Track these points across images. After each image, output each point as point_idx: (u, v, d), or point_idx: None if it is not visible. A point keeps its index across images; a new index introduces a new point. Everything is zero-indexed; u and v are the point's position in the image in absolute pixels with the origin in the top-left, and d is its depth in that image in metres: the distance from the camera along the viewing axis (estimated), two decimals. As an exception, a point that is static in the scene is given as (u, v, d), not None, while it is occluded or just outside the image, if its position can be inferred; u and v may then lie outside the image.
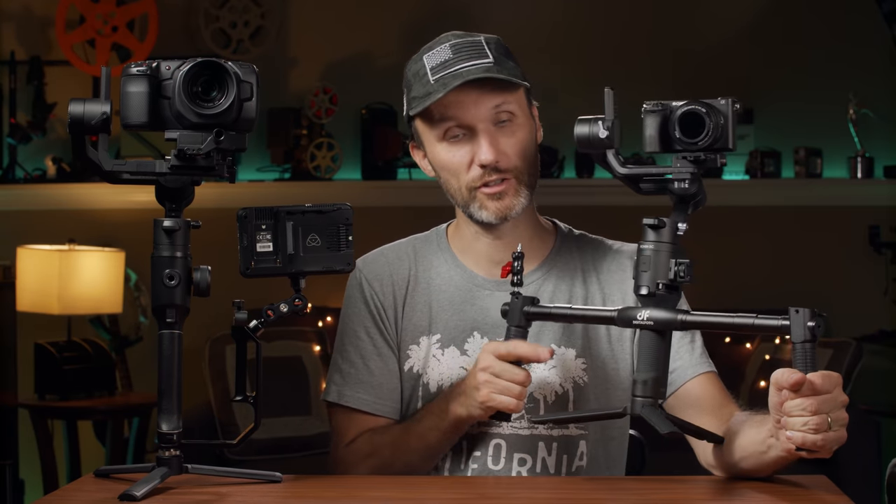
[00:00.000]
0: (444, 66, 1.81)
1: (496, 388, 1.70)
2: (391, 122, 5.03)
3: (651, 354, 1.59)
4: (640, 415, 1.58)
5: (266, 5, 5.14)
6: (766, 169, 4.93)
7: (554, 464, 1.86)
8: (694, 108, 1.55)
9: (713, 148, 1.56)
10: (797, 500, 1.59)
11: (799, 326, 1.50)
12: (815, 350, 1.50)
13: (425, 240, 1.99)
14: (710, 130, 1.54)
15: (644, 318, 1.59)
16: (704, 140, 1.55)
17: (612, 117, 1.60)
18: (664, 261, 1.57)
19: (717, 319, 1.59)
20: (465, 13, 5.01)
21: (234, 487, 1.62)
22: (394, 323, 1.92)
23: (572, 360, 1.88)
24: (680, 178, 1.58)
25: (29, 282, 4.52)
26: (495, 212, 1.84)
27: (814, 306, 1.54)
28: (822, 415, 1.47)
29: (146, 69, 1.55)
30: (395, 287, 1.93)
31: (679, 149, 1.57)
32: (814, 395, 1.47)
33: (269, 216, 1.63)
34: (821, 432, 1.47)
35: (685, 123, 1.56)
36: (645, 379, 1.59)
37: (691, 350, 1.86)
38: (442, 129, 1.83)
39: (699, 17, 5.12)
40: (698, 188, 1.59)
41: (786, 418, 1.49)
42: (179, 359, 1.59)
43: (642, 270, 1.58)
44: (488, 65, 1.80)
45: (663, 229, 1.58)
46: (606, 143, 1.60)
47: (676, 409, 1.85)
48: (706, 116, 1.54)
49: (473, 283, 1.92)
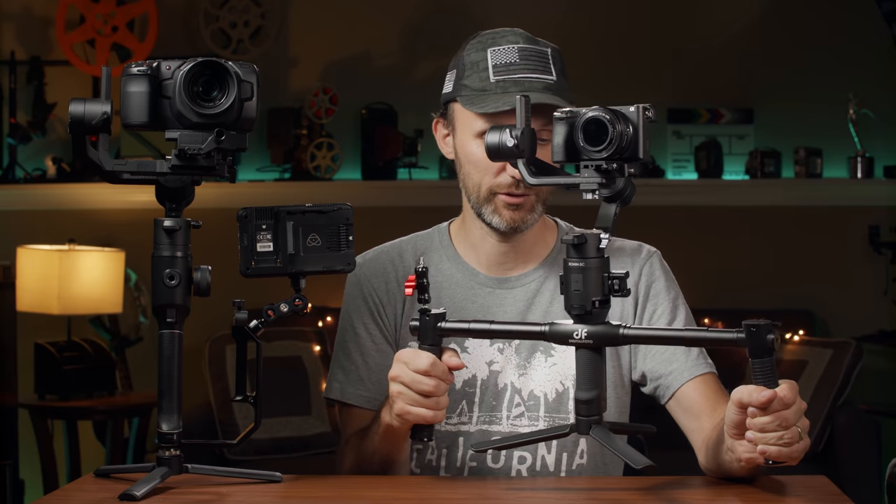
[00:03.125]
0: (508, 69, 1.81)
1: (408, 399, 1.64)
2: (391, 122, 5.02)
3: (591, 372, 1.54)
4: (592, 436, 1.54)
5: (266, 5, 5.14)
6: (766, 169, 4.93)
7: (553, 462, 1.86)
8: (597, 115, 1.51)
9: (622, 157, 1.50)
10: (797, 500, 1.58)
11: (759, 342, 1.45)
12: (773, 362, 1.47)
13: (427, 237, 1.99)
14: (613, 139, 1.49)
15: (582, 336, 1.53)
16: (607, 148, 1.50)
17: (524, 125, 1.56)
18: (595, 277, 1.51)
19: (662, 333, 1.56)
20: (465, 13, 5.01)
21: (234, 487, 1.62)
22: (393, 320, 1.93)
23: (573, 358, 1.87)
24: (588, 189, 1.53)
25: (29, 282, 4.52)
26: (509, 221, 1.84)
27: (814, 306, 1.54)
28: (793, 427, 1.48)
29: (147, 69, 1.55)
30: (396, 284, 1.93)
31: (584, 157, 1.52)
32: (784, 409, 1.47)
33: (269, 216, 1.63)
34: (793, 444, 1.48)
35: (588, 131, 1.51)
36: (588, 398, 1.54)
37: (687, 352, 1.86)
38: (484, 128, 1.82)
39: (699, 17, 5.12)
40: (625, 184, 1.53)
41: (756, 434, 1.49)
42: (179, 359, 1.59)
43: (574, 290, 1.51)
44: (550, 82, 1.81)
45: (586, 245, 1.51)
46: (515, 153, 1.56)
47: (675, 413, 1.86)
48: (609, 124, 1.50)
49: (475, 280, 1.92)
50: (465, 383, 1.88)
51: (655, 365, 1.86)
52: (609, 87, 4.89)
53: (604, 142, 1.50)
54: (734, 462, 1.60)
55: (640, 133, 1.51)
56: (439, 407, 1.64)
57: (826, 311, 4.80)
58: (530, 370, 1.88)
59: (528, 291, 1.91)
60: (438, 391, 1.63)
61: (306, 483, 1.68)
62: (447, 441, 1.88)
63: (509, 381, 1.87)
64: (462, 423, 1.88)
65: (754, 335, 1.45)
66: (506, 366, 1.88)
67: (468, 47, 1.87)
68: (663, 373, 1.85)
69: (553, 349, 1.88)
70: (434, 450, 1.88)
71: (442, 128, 1.92)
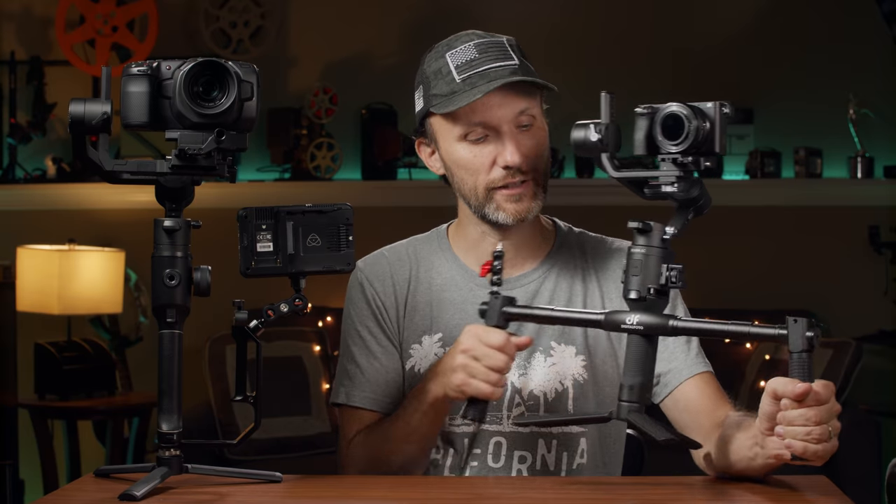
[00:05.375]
0: (470, 65, 1.81)
1: (474, 371, 1.68)
2: (391, 122, 5.02)
3: (639, 359, 1.58)
4: (629, 420, 1.57)
5: (266, 5, 5.14)
6: (766, 169, 4.93)
7: (554, 461, 1.86)
8: (675, 110, 1.55)
9: (698, 151, 1.54)
10: (797, 500, 1.59)
11: (798, 336, 1.49)
12: (811, 359, 1.49)
13: (425, 240, 1.99)
14: (689, 133, 1.53)
15: (634, 322, 1.57)
16: (683, 142, 1.54)
17: (608, 121, 1.59)
18: (654, 265, 1.56)
19: (710, 326, 1.57)
20: (465, 13, 5.01)
21: (234, 487, 1.62)
22: (395, 323, 1.93)
23: (572, 358, 1.88)
24: (666, 182, 1.56)
25: (29, 282, 4.52)
26: (513, 214, 1.84)
27: (814, 306, 1.54)
28: (823, 425, 1.48)
29: (147, 69, 1.55)
30: (397, 287, 1.93)
31: (662, 151, 1.56)
32: (817, 405, 1.47)
33: (269, 216, 1.63)
34: (822, 442, 1.48)
35: (667, 126, 1.55)
36: (632, 384, 1.58)
37: (687, 351, 1.86)
38: (464, 129, 1.82)
39: (699, 18, 5.12)
40: (700, 192, 1.57)
41: (786, 427, 1.49)
42: (179, 359, 1.59)
43: (633, 275, 1.56)
44: (514, 67, 1.81)
45: (651, 233, 1.56)
46: (600, 147, 1.59)
47: (671, 411, 1.86)
48: (686, 119, 1.53)
49: (475, 282, 1.92)
50: (466, 384, 1.88)
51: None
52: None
53: (681, 136, 1.54)
54: (758, 458, 1.59)
55: (716, 128, 1.54)
56: (501, 384, 1.69)
57: (826, 311, 4.80)
58: (530, 370, 1.88)
59: (527, 292, 1.91)
60: (506, 368, 1.68)
61: (306, 483, 1.68)
62: (453, 441, 1.88)
63: (510, 381, 1.87)
64: (465, 423, 1.87)
65: (795, 328, 1.49)
66: (506, 365, 1.89)
67: (426, 60, 1.87)
68: (662, 371, 1.85)
69: (552, 350, 1.88)
70: (439, 449, 1.89)
71: (425, 147, 1.92)
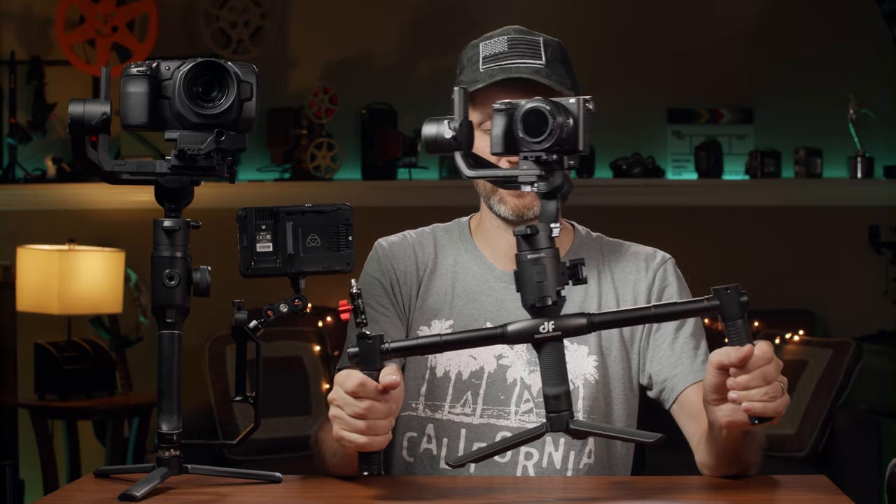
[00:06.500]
0: (497, 58, 1.84)
1: (343, 424, 1.52)
2: (391, 122, 5.02)
3: (558, 366, 1.48)
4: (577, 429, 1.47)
5: (266, 5, 5.14)
6: (766, 169, 4.93)
7: (560, 459, 1.86)
8: (537, 106, 1.48)
9: (562, 149, 1.48)
10: (797, 500, 1.59)
11: (733, 305, 1.46)
12: (747, 324, 1.47)
13: (447, 230, 2.01)
14: (552, 130, 1.47)
15: (549, 329, 1.47)
16: (547, 140, 1.47)
17: (461, 118, 1.53)
18: (554, 267, 1.47)
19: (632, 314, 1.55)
20: (465, 13, 5.01)
21: (234, 487, 1.62)
22: (408, 300, 1.94)
23: (585, 358, 1.88)
24: (526, 181, 1.50)
25: (29, 282, 4.52)
26: (514, 208, 1.87)
27: (814, 306, 1.54)
28: (775, 382, 1.48)
29: (146, 69, 1.55)
30: (416, 267, 1.95)
31: (523, 149, 1.49)
32: (766, 364, 1.47)
33: (269, 216, 1.63)
34: (777, 399, 1.48)
35: (529, 123, 1.48)
36: (557, 393, 1.48)
37: (693, 356, 1.87)
38: (480, 118, 1.85)
39: (698, 17, 5.12)
40: (562, 180, 1.50)
41: (741, 392, 1.48)
42: (179, 359, 1.59)
43: (538, 282, 1.46)
44: (539, 66, 1.82)
45: (538, 236, 1.48)
46: (454, 145, 1.53)
47: (679, 417, 1.86)
48: (549, 115, 1.47)
49: (492, 274, 1.94)
50: (471, 375, 1.89)
51: (660, 368, 1.87)
52: (609, 88, 4.88)
53: (543, 133, 1.48)
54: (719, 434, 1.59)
55: (580, 125, 1.48)
56: (376, 431, 1.50)
57: (826, 310, 4.80)
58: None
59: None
60: (371, 413, 1.49)
61: (306, 483, 1.69)
62: (448, 431, 1.88)
63: (519, 376, 1.88)
64: (465, 413, 1.88)
65: (729, 297, 1.46)
66: (515, 361, 1.89)
67: (466, 47, 1.91)
68: (668, 376, 1.85)
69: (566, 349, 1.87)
70: (433, 439, 1.89)
71: None
